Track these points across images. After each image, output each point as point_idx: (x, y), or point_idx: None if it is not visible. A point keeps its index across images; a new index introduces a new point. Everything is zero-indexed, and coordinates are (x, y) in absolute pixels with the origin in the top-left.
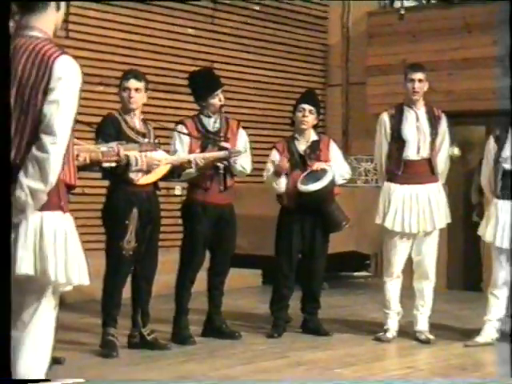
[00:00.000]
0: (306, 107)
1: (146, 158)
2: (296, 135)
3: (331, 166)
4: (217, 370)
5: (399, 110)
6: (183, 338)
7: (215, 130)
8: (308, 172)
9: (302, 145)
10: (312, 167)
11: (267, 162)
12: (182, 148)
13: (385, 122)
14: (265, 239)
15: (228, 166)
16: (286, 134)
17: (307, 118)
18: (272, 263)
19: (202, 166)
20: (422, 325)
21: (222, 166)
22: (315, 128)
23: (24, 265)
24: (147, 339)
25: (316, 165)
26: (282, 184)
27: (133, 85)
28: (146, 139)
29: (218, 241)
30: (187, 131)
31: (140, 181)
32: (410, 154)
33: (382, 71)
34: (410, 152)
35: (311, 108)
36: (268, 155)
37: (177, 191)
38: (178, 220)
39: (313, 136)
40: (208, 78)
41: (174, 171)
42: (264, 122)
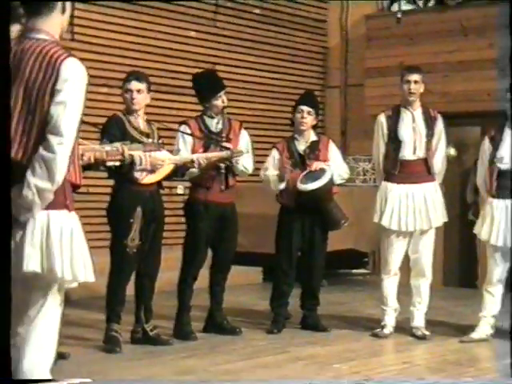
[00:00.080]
0: (304, 108)
1: (150, 158)
2: (296, 135)
3: (330, 166)
4: (218, 365)
5: (396, 111)
6: (185, 333)
7: (218, 130)
8: (307, 172)
9: (302, 145)
10: (311, 167)
11: (265, 162)
12: (185, 148)
13: (382, 123)
14: (265, 237)
15: (230, 165)
16: (287, 135)
17: (306, 119)
18: (272, 261)
19: (204, 165)
20: (419, 321)
21: (223, 166)
22: (314, 128)
23: (31, 262)
24: (150, 335)
25: (315, 164)
26: (281, 185)
27: (135, 86)
28: (149, 139)
29: (219, 239)
30: (190, 131)
31: (144, 180)
32: (407, 154)
33: (379, 73)
34: (407, 152)
35: (309, 109)
36: (268, 155)
37: (179, 190)
38: (181, 218)
39: (312, 136)
40: (211, 80)
41: (178, 171)
42: (264, 123)
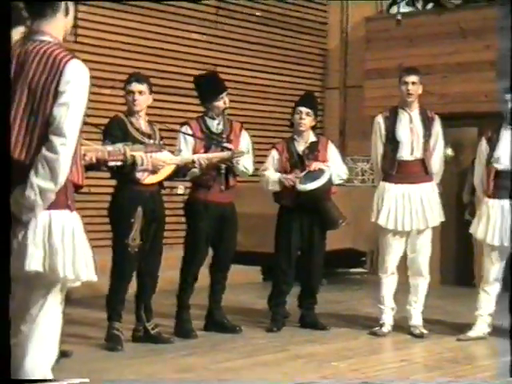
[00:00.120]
0: (303, 110)
1: (152, 159)
2: (295, 136)
3: (329, 167)
4: (218, 363)
5: (394, 112)
6: (185, 331)
7: (219, 131)
8: (306, 172)
9: (301, 145)
10: (310, 167)
11: (265, 162)
12: (186, 148)
13: (380, 124)
14: (265, 237)
15: (231, 166)
16: (286, 135)
17: (304, 120)
18: (272, 260)
19: (205, 166)
20: (416, 319)
21: (223, 167)
22: (313, 129)
23: (33, 262)
24: (151, 333)
25: (314, 165)
26: (277, 186)
27: (136, 88)
28: (151, 140)
29: (219, 238)
30: (192, 132)
31: (146, 180)
32: (404, 155)
33: (379, 75)
34: (404, 152)
35: (308, 110)
36: (268, 156)
37: (179, 190)
38: (181, 218)
39: (311, 137)
40: (213, 82)
41: (179, 171)
42: (265, 124)
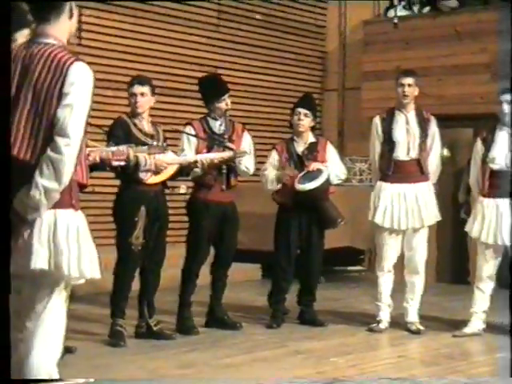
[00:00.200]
0: (301, 111)
1: (155, 160)
2: (294, 137)
3: (327, 167)
4: (219, 359)
5: (391, 113)
6: (187, 328)
7: (221, 132)
8: (305, 172)
9: (300, 146)
10: (308, 167)
11: (265, 162)
12: (189, 148)
13: (377, 125)
14: (264, 235)
15: (233, 166)
16: (286, 136)
17: (303, 121)
18: (271, 258)
19: (207, 165)
20: (413, 316)
21: (225, 167)
22: (312, 130)
23: (39, 260)
24: (153, 329)
25: (312, 165)
26: (276, 183)
27: (138, 90)
28: (154, 140)
29: (220, 237)
30: (194, 132)
31: (149, 180)
32: (400, 155)
33: (376, 77)
34: (400, 152)
35: (306, 112)
36: (268, 156)
37: (181, 190)
38: (183, 217)
39: (310, 138)
40: (216, 84)
41: (182, 171)
42: (265, 125)
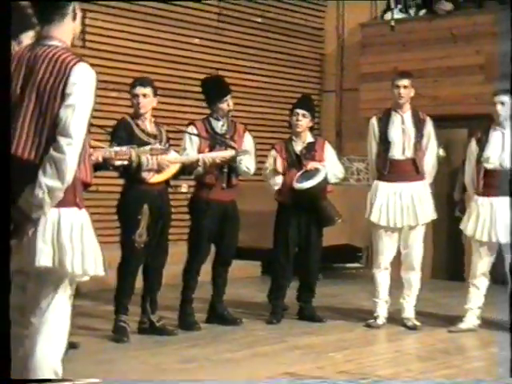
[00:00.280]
0: (299, 111)
1: (157, 159)
2: (293, 137)
3: (325, 166)
4: (219, 354)
5: (387, 113)
6: (189, 324)
7: (223, 132)
8: (303, 171)
9: (299, 146)
10: (306, 167)
11: (266, 162)
12: (191, 147)
13: (373, 125)
14: (264, 233)
15: (234, 166)
16: (285, 136)
17: (301, 121)
18: (271, 255)
19: (209, 164)
20: (409, 312)
21: (226, 166)
22: (311, 130)
23: (43, 257)
24: (156, 325)
25: (310, 164)
26: (278, 181)
27: (140, 91)
28: (157, 141)
29: (221, 235)
30: (197, 132)
31: (152, 179)
32: (396, 154)
33: (374, 78)
34: (396, 152)
35: (304, 112)
36: (268, 156)
37: (183, 189)
38: (185, 215)
39: (309, 138)
40: (218, 85)
41: (185, 169)
42: (264, 125)
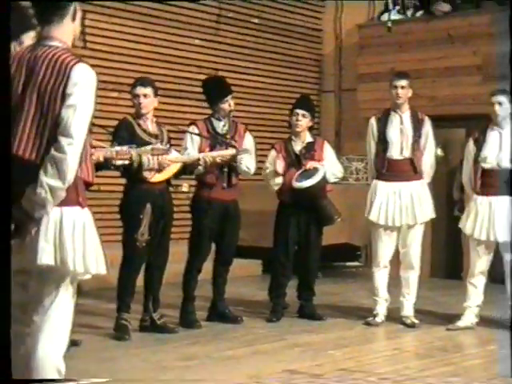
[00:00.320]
0: (299, 112)
1: (158, 159)
2: (292, 137)
3: (323, 165)
4: (220, 352)
5: (386, 113)
6: (190, 322)
7: (224, 132)
8: (302, 170)
9: (298, 145)
10: (305, 166)
11: (265, 162)
12: (192, 147)
13: (372, 125)
14: (265, 232)
15: (234, 165)
16: (285, 136)
17: (300, 121)
18: (271, 254)
19: (210, 163)
20: (408, 310)
21: (226, 166)
22: (310, 130)
23: (45, 256)
24: (157, 323)
25: (309, 164)
26: (278, 181)
27: (141, 91)
28: (158, 140)
29: (222, 234)
30: (198, 132)
31: (153, 179)
32: (394, 154)
33: (372, 78)
34: (394, 152)
35: (304, 112)
36: (268, 155)
37: (184, 188)
38: (187, 214)
39: (308, 138)
40: (219, 85)
41: (186, 169)
42: (264, 125)
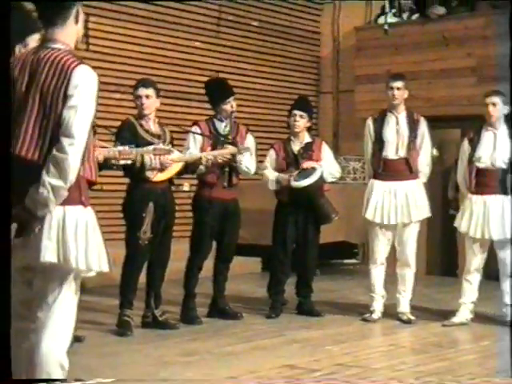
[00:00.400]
0: (297, 113)
1: (160, 159)
2: (291, 137)
3: (321, 165)
4: (220, 347)
5: (382, 114)
6: (191, 318)
7: (226, 133)
8: (300, 170)
9: (297, 146)
10: (303, 166)
11: (264, 161)
12: (194, 146)
13: (369, 126)
14: (264, 230)
15: (234, 165)
16: (284, 137)
17: (298, 122)
18: (270, 252)
19: (211, 163)
20: (404, 307)
21: (227, 166)
22: (309, 131)
23: (48, 253)
24: (159, 319)
25: (306, 163)
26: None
27: (143, 92)
28: (160, 141)
29: (223, 232)
30: (200, 131)
31: (155, 178)
32: (389, 154)
33: (369, 80)
34: (389, 152)
35: (302, 113)
36: (266, 155)
37: (185, 187)
38: (187, 213)
39: (306, 138)
40: (222, 87)
41: (188, 168)
42: (263, 126)
